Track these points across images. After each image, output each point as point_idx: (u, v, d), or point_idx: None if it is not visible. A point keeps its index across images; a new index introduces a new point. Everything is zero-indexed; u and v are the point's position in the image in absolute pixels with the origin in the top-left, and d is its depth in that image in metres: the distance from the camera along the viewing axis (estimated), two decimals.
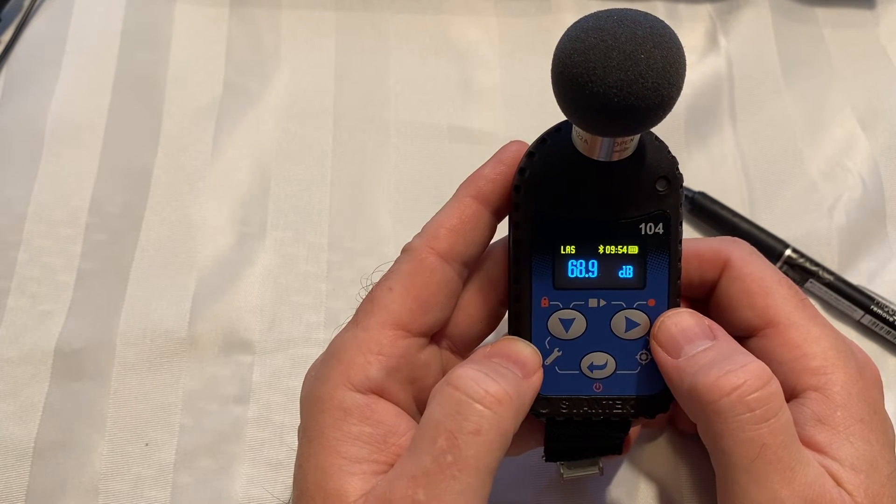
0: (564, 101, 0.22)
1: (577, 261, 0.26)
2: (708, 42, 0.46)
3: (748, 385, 0.23)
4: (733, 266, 0.28)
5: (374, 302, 0.26)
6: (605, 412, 0.27)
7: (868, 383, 0.26)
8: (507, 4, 0.47)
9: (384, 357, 0.25)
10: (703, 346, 0.25)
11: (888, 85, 0.45)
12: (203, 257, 0.39)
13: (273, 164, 0.41)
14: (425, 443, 0.23)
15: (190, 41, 0.45)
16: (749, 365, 0.24)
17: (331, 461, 0.24)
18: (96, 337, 0.36)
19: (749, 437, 0.23)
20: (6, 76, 0.44)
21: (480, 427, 0.23)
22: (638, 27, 0.21)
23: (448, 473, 0.22)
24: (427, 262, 0.26)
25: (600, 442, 0.29)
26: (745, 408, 0.23)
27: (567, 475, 0.29)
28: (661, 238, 0.26)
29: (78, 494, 0.33)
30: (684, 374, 0.25)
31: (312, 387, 0.26)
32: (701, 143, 0.43)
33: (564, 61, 0.21)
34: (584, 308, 0.27)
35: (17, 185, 0.40)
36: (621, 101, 0.20)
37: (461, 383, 0.24)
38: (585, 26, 0.21)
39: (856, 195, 0.41)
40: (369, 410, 0.25)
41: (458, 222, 0.27)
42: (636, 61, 0.20)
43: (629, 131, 0.23)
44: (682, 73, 0.21)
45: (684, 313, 0.26)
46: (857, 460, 0.24)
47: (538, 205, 0.26)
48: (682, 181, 0.26)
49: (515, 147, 0.27)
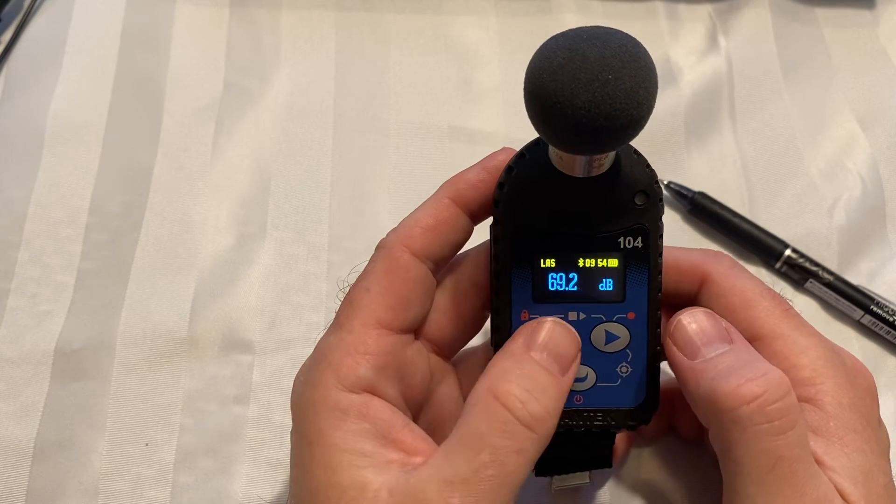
0: (535, 121, 0.22)
1: (556, 274, 0.26)
2: (708, 42, 0.46)
3: (769, 395, 0.23)
4: (714, 281, 0.28)
5: (354, 303, 0.26)
6: (586, 424, 0.27)
7: (860, 392, 0.26)
8: (507, 4, 0.47)
9: (371, 356, 0.25)
10: (721, 349, 0.25)
11: (888, 85, 0.45)
12: (203, 257, 0.39)
13: (273, 164, 0.41)
14: (466, 452, 0.23)
15: (190, 41, 0.45)
16: (769, 374, 0.24)
17: (339, 458, 0.24)
18: (96, 337, 0.36)
19: (765, 449, 0.23)
20: (6, 76, 0.44)
21: (524, 448, 0.23)
22: (606, 47, 0.20)
23: (487, 486, 0.23)
24: (401, 260, 0.26)
25: (587, 454, 0.29)
26: (763, 418, 0.23)
27: (557, 486, 0.30)
28: (640, 251, 0.26)
29: (78, 494, 0.33)
30: (701, 378, 0.25)
31: (304, 391, 0.26)
32: (701, 143, 0.43)
33: (534, 81, 0.21)
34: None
35: (18, 185, 0.40)
36: (590, 121, 0.20)
37: (508, 402, 0.24)
38: (555, 45, 0.21)
39: (856, 195, 0.41)
40: (365, 408, 0.25)
41: (435, 223, 0.27)
42: (604, 82, 0.20)
43: (600, 150, 0.23)
44: (652, 92, 0.21)
45: (700, 312, 0.26)
46: (854, 471, 0.24)
47: (517, 220, 0.26)
48: (661, 195, 0.26)
49: (503, 155, 0.27)
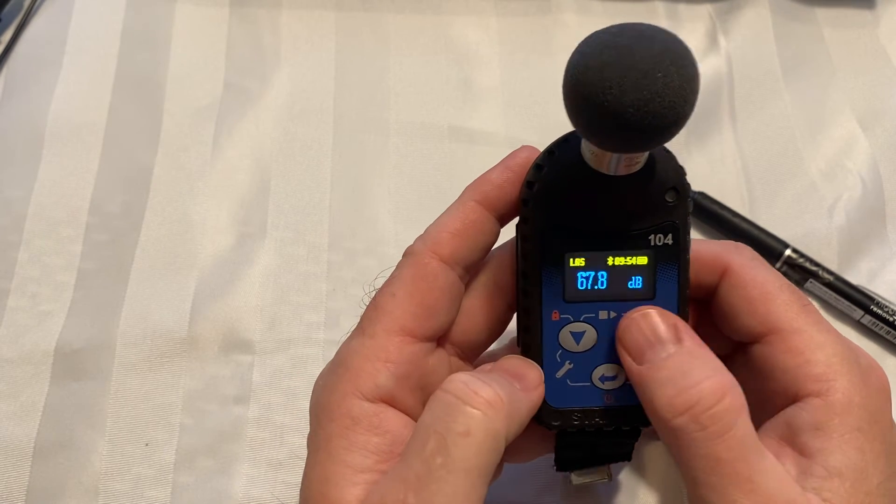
0: (577, 118, 0.21)
1: (586, 273, 0.26)
2: (708, 42, 0.46)
3: (702, 403, 0.23)
4: (734, 273, 0.27)
5: (379, 309, 0.26)
6: (616, 423, 0.27)
7: (872, 391, 0.26)
8: (507, 4, 0.47)
9: (392, 364, 0.25)
10: (667, 351, 0.25)
11: (888, 85, 0.45)
12: (203, 257, 0.39)
13: (273, 164, 0.41)
14: (416, 446, 0.23)
15: (190, 41, 0.45)
16: (703, 382, 0.23)
17: (335, 470, 0.24)
18: (96, 337, 0.36)
19: (704, 454, 0.23)
20: (6, 76, 0.44)
21: (469, 428, 0.23)
22: (654, 44, 0.20)
23: (437, 476, 0.22)
24: (429, 266, 0.26)
25: (611, 450, 0.29)
26: (697, 426, 0.23)
27: (577, 482, 0.29)
28: (670, 248, 0.26)
29: (78, 494, 0.33)
30: (645, 386, 0.25)
31: (321, 396, 0.26)
32: (701, 143, 0.43)
33: (578, 77, 0.20)
34: (595, 320, 0.26)
35: (18, 185, 0.40)
36: (638, 119, 0.20)
37: (451, 386, 0.23)
38: (600, 42, 0.21)
39: (856, 195, 0.41)
40: (377, 419, 0.25)
41: (462, 227, 0.26)
42: (653, 80, 0.20)
43: (643, 148, 0.22)
44: (696, 89, 0.21)
45: (651, 312, 0.26)
46: (845, 468, 0.24)
47: (547, 218, 0.26)
48: (690, 191, 0.26)
49: (525, 153, 0.26)
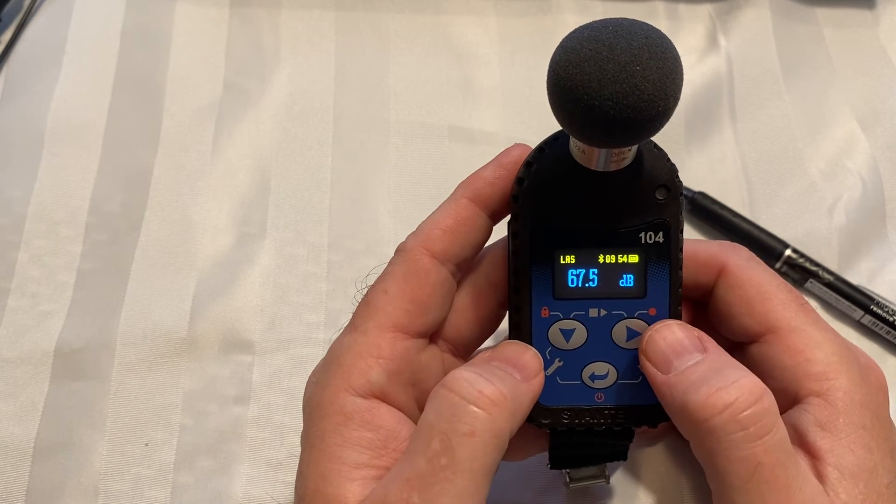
0: (560, 114, 0.22)
1: (577, 270, 0.26)
2: (708, 42, 0.46)
3: (740, 402, 0.23)
4: (731, 273, 0.27)
5: (371, 305, 0.26)
6: (607, 422, 0.27)
7: (872, 389, 0.26)
8: (507, 4, 0.47)
9: (384, 360, 0.25)
10: (693, 360, 0.25)
11: (888, 85, 0.45)
12: (203, 257, 0.39)
13: (273, 163, 0.41)
14: (420, 445, 0.23)
15: (190, 41, 0.45)
16: (740, 380, 0.23)
17: (330, 466, 0.24)
18: (96, 337, 0.36)
19: (743, 457, 0.23)
20: (6, 76, 0.44)
21: (474, 429, 0.23)
22: (634, 38, 0.20)
23: (442, 476, 0.22)
24: (421, 263, 0.26)
25: (604, 450, 0.28)
26: (737, 426, 0.23)
27: (573, 486, 0.29)
28: (661, 247, 0.26)
29: (78, 494, 0.33)
30: (675, 391, 0.24)
31: (314, 392, 0.26)
32: (701, 143, 0.43)
33: (559, 73, 0.21)
34: (585, 318, 0.26)
35: (18, 185, 0.40)
36: (617, 113, 0.20)
37: (455, 385, 0.23)
38: (580, 37, 0.21)
39: (856, 195, 0.41)
40: (370, 415, 0.25)
41: (454, 224, 0.26)
42: (631, 73, 0.20)
43: (626, 143, 0.22)
44: (678, 83, 0.21)
45: (673, 325, 0.26)
46: (858, 469, 0.24)
47: (537, 215, 0.26)
48: (681, 189, 0.26)
49: (518, 151, 0.27)
